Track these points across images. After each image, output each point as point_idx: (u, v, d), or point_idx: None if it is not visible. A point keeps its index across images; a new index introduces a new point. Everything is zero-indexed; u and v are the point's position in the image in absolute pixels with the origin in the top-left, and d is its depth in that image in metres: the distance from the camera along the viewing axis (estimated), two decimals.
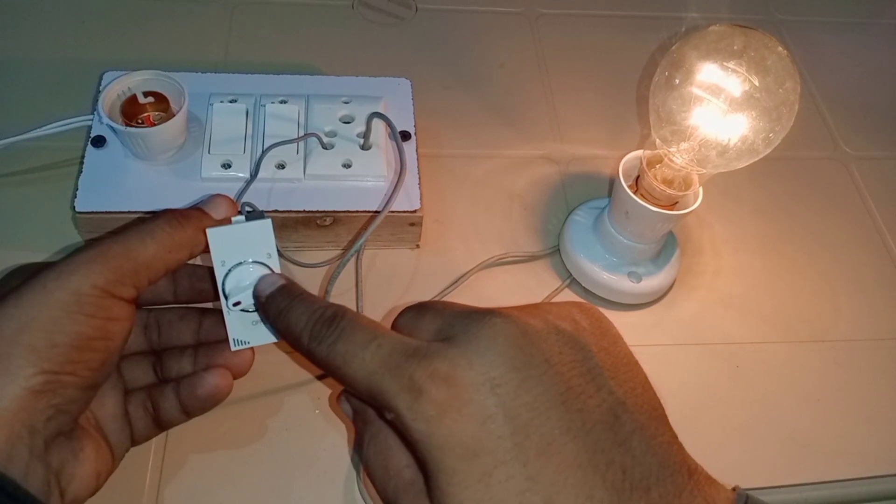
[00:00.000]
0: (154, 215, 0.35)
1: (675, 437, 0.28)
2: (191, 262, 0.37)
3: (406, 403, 0.27)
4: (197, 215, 0.36)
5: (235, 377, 0.38)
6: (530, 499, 0.25)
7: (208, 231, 0.35)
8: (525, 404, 0.26)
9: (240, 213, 0.37)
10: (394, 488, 0.30)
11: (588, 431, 0.26)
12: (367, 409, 0.33)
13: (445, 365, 0.27)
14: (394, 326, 0.31)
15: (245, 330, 0.38)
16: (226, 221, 0.36)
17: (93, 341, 0.31)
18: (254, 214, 0.37)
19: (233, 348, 0.38)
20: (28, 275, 0.32)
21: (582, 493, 0.25)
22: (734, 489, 0.28)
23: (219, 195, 0.37)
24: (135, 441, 0.37)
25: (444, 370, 0.26)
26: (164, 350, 0.39)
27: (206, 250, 0.36)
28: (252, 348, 0.38)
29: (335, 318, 0.30)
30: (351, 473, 0.41)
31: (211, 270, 0.37)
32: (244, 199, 0.39)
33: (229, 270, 0.36)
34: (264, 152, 0.47)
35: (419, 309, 0.31)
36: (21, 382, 0.29)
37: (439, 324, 0.29)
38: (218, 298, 0.37)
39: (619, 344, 0.30)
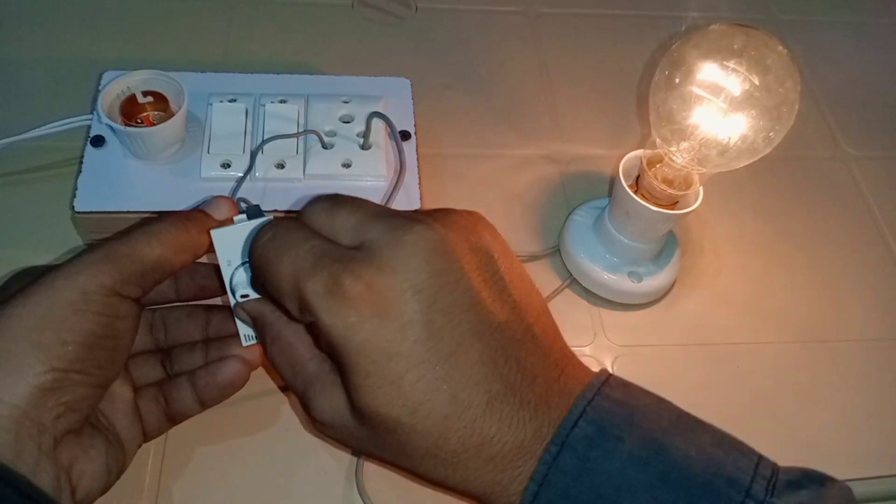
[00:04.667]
0: (158, 218, 0.35)
1: (557, 329, 0.31)
2: None
3: (327, 307, 0.28)
4: (200, 217, 0.36)
5: (250, 368, 0.38)
6: (438, 397, 0.27)
7: (212, 233, 0.35)
8: (441, 309, 0.28)
9: (241, 211, 0.37)
10: (301, 382, 0.31)
11: (492, 332, 0.29)
12: (265, 313, 0.34)
13: (371, 272, 0.28)
14: (302, 214, 0.32)
15: None
16: (228, 221, 0.37)
17: (101, 339, 0.32)
18: (253, 212, 0.37)
19: (244, 344, 0.38)
20: (33, 277, 0.32)
21: (482, 387, 0.28)
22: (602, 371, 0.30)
23: (220, 197, 0.38)
24: (147, 436, 0.37)
25: (368, 277, 0.28)
26: (173, 347, 0.39)
27: (210, 251, 0.36)
28: None
29: (274, 221, 0.32)
30: (351, 474, 0.41)
31: (211, 267, 0.37)
32: (238, 195, 0.39)
33: (236, 269, 0.36)
34: (263, 142, 0.46)
35: (333, 201, 0.32)
36: (30, 380, 0.30)
37: (356, 222, 0.30)
38: (221, 294, 0.37)
39: (511, 252, 0.33)
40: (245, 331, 0.38)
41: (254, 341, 0.38)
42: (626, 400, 0.30)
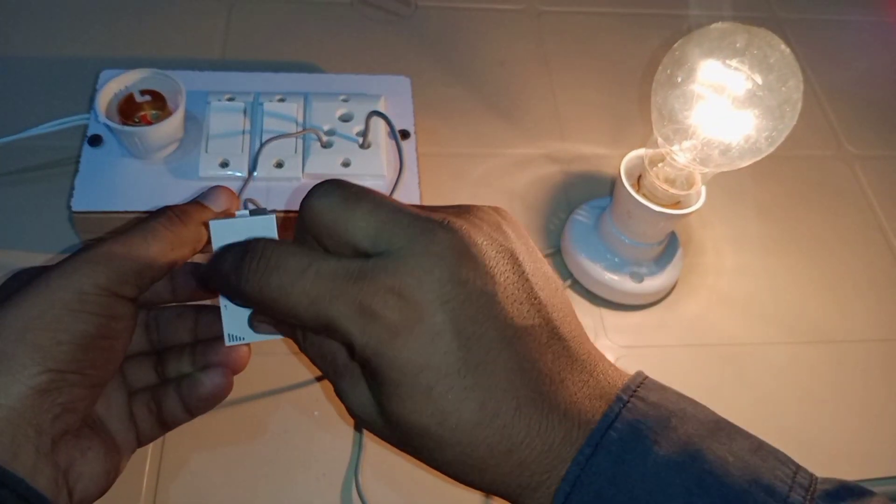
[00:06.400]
0: (154, 213, 0.35)
1: (583, 330, 0.31)
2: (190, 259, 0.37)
3: (359, 328, 0.27)
4: (197, 210, 0.35)
5: (232, 373, 0.38)
6: (467, 406, 0.27)
7: (210, 223, 0.35)
8: (469, 318, 0.27)
9: (244, 207, 0.37)
10: (333, 374, 0.31)
11: (519, 338, 0.28)
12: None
13: (396, 284, 0.27)
14: (308, 208, 0.30)
15: (241, 326, 0.37)
16: (228, 214, 0.36)
17: (97, 340, 0.31)
18: (257, 211, 0.37)
19: (227, 343, 0.37)
20: (29, 278, 0.32)
21: (510, 394, 0.27)
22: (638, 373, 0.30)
23: (218, 187, 0.37)
24: (141, 441, 0.37)
25: (394, 292, 0.27)
26: (164, 350, 0.39)
27: (209, 245, 0.35)
28: (248, 344, 0.38)
29: (257, 249, 0.29)
30: (350, 474, 0.41)
31: None
32: (246, 197, 0.38)
33: None
34: (263, 144, 0.46)
35: (346, 195, 0.29)
36: (26, 381, 0.30)
37: (376, 227, 0.28)
38: (216, 295, 0.36)
39: (536, 250, 0.32)
40: (230, 330, 0.37)
41: (237, 342, 0.37)
42: (662, 403, 0.29)
